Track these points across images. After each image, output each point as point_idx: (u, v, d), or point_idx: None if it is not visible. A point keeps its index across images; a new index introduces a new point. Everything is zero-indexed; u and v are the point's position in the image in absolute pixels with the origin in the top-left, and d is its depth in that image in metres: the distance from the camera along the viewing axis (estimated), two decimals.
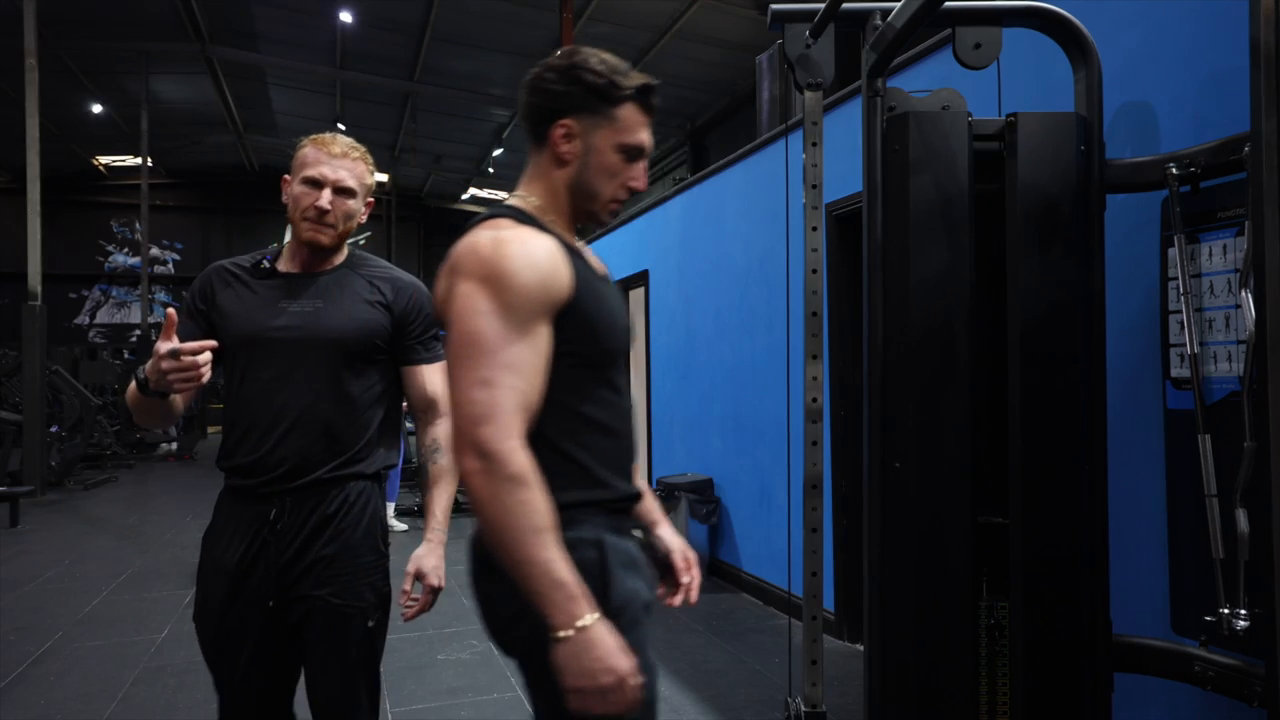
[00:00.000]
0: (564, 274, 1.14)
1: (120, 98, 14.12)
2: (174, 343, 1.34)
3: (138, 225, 16.93)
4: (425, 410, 1.74)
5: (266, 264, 1.64)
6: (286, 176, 1.64)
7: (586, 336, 1.17)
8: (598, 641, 1.02)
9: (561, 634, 1.02)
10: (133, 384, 1.46)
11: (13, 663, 3.51)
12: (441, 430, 1.72)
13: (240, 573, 1.55)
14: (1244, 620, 1.63)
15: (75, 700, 3.11)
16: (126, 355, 13.24)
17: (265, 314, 1.58)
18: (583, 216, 1.27)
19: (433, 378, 1.73)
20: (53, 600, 4.51)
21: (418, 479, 1.73)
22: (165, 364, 1.32)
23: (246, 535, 1.56)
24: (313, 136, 1.64)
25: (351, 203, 1.63)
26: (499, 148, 16.47)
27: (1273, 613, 1.26)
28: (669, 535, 1.43)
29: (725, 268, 4.78)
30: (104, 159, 17.48)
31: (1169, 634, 1.89)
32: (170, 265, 18.93)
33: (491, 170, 18.28)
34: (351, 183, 1.62)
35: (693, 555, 1.46)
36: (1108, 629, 1.89)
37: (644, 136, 1.24)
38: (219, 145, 16.88)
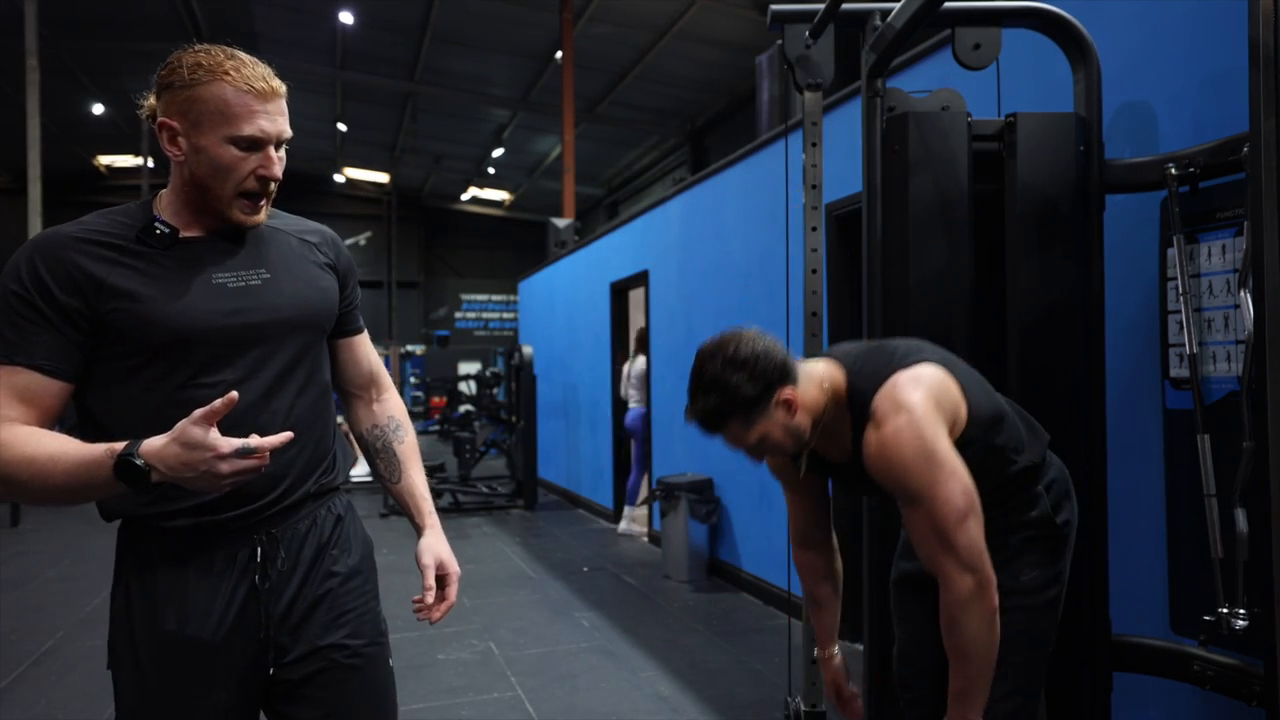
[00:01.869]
0: None
1: (121, 98, 14.13)
2: (211, 433, 0.96)
3: None
4: (367, 387, 1.43)
5: (161, 228, 1.15)
6: (168, 121, 1.13)
7: None
8: None
9: None
10: (89, 467, 0.99)
11: (13, 662, 3.52)
12: (393, 404, 1.45)
13: (222, 644, 1.15)
14: (1243, 620, 1.63)
15: (76, 700, 3.12)
16: None
17: (198, 295, 1.14)
18: None
19: (369, 348, 1.45)
20: (53, 600, 4.51)
21: (374, 467, 1.41)
22: (228, 466, 0.96)
23: (221, 591, 1.15)
24: (209, 59, 1.12)
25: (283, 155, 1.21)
26: (499, 148, 16.48)
27: (1272, 612, 1.26)
28: None
29: (725, 268, 4.79)
30: (104, 159, 17.49)
31: (1168, 633, 1.90)
32: None
33: (492, 170, 18.29)
34: (289, 130, 1.19)
35: None
36: (1107, 628, 1.89)
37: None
38: None
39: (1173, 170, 1.79)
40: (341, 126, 16.14)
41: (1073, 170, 1.87)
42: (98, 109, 14.64)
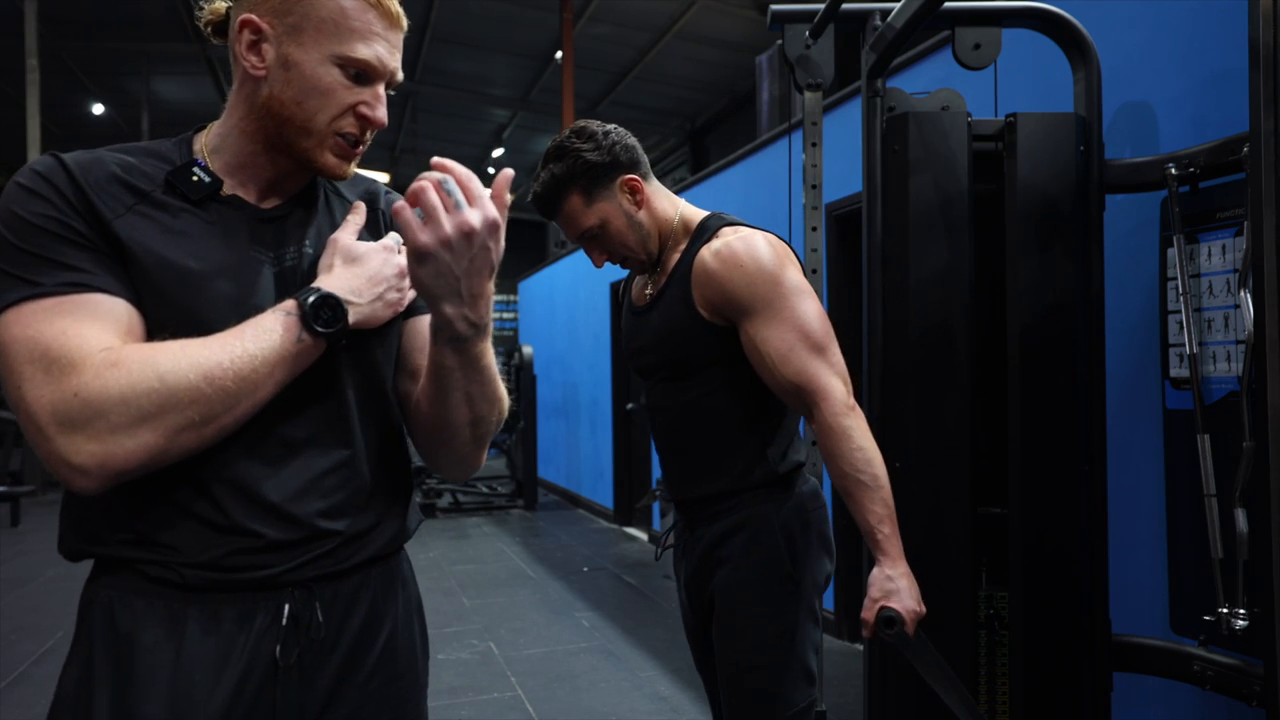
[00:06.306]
0: None
1: (121, 98, 14.14)
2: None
3: None
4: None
5: (200, 176, 0.87)
6: (253, 19, 0.86)
7: None
8: None
9: None
10: (268, 333, 0.79)
11: (13, 662, 3.52)
12: None
13: None
14: (1243, 620, 1.63)
15: None
16: None
17: (231, 275, 0.85)
18: None
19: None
20: (53, 600, 4.51)
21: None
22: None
23: (229, 666, 0.82)
24: None
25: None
26: (499, 148, 16.48)
27: (1271, 612, 1.26)
28: None
29: None
30: None
31: (1168, 633, 1.90)
32: None
33: (492, 170, 18.30)
34: (401, 73, 0.95)
35: None
36: (1107, 628, 1.89)
37: None
38: None
39: (1173, 170, 1.79)
40: None
41: (1073, 170, 1.87)
42: (98, 109, 14.63)
